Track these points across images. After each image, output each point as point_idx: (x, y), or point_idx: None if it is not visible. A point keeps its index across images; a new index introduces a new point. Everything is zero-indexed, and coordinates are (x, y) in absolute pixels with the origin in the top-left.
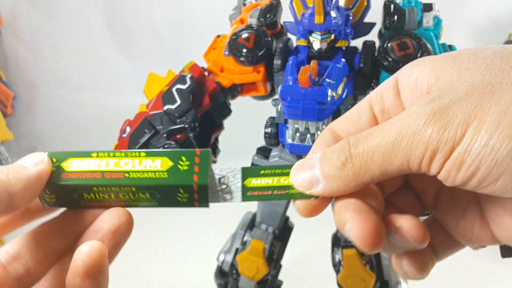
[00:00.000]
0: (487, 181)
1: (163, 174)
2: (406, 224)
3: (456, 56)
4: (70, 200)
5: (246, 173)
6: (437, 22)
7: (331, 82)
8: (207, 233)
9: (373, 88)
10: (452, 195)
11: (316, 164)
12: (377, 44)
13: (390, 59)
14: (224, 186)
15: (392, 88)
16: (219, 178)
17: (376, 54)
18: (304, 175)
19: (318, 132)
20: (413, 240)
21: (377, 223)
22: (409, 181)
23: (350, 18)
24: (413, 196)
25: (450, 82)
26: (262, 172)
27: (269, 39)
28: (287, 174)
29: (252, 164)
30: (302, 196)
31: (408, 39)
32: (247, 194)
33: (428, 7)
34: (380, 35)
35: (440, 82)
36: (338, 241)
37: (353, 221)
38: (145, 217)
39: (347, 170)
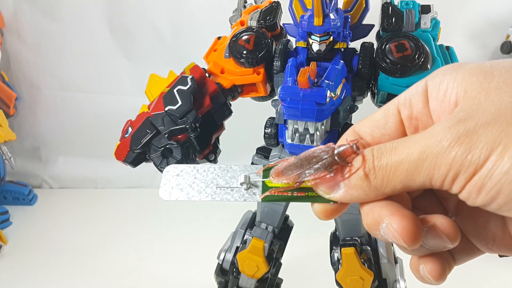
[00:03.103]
0: (508, 206)
1: None
2: (440, 223)
3: (487, 72)
4: None
5: (268, 172)
6: (435, 23)
7: (330, 83)
8: (207, 232)
9: (371, 89)
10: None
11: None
12: (375, 46)
13: (388, 60)
14: (246, 185)
15: (422, 95)
16: (244, 176)
17: (374, 55)
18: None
19: (317, 133)
20: (447, 237)
21: (416, 217)
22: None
23: (349, 20)
24: (436, 201)
25: (478, 101)
26: None
27: (269, 40)
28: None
29: (252, 164)
30: (321, 200)
31: (406, 40)
32: (266, 193)
33: (425, 9)
34: (378, 36)
35: (467, 97)
36: (337, 240)
37: (392, 217)
38: (146, 216)
39: (369, 181)
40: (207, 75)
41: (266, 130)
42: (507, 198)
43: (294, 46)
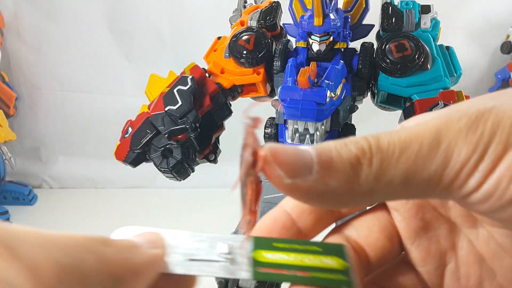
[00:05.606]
0: None
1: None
2: None
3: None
4: None
5: (256, 243)
6: (435, 24)
7: (330, 83)
8: (207, 232)
9: (371, 89)
10: (460, 272)
11: (309, 149)
12: (375, 46)
13: (388, 60)
14: (228, 256)
15: None
16: (228, 246)
17: (374, 55)
18: (289, 154)
19: (317, 133)
20: None
21: None
22: (409, 257)
23: (349, 20)
24: (414, 277)
25: None
26: (275, 244)
27: (269, 41)
28: (313, 252)
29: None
30: (334, 282)
31: (406, 40)
32: (258, 270)
33: (425, 9)
34: (378, 36)
35: None
36: None
37: None
38: (146, 216)
39: (360, 167)
40: (207, 75)
41: (266, 130)
42: None
43: (294, 46)
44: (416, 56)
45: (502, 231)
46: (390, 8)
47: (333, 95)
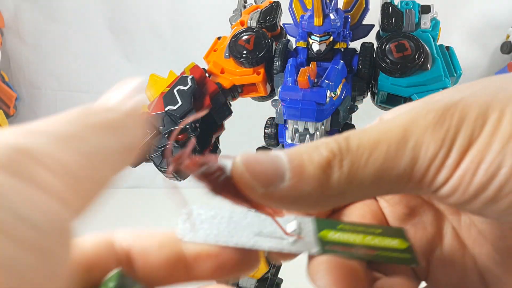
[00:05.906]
0: (510, 186)
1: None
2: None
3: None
4: None
5: (320, 224)
6: (435, 23)
7: (330, 83)
8: None
9: (371, 89)
10: (445, 259)
11: (282, 156)
12: (375, 46)
13: (388, 60)
14: (295, 234)
15: None
16: (297, 223)
17: (374, 55)
18: (262, 164)
19: (317, 133)
20: None
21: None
22: None
23: (349, 20)
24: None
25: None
26: (340, 227)
27: (269, 40)
28: (374, 234)
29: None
30: (399, 259)
31: (406, 40)
32: (326, 247)
33: (425, 9)
34: (378, 36)
35: None
36: None
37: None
38: (146, 216)
39: (331, 171)
40: (207, 75)
41: (266, 130)
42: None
43: (294, 46)
44: (416, 56)
45: (482, 219)
46: (390, 8)
47: (333, 95)
